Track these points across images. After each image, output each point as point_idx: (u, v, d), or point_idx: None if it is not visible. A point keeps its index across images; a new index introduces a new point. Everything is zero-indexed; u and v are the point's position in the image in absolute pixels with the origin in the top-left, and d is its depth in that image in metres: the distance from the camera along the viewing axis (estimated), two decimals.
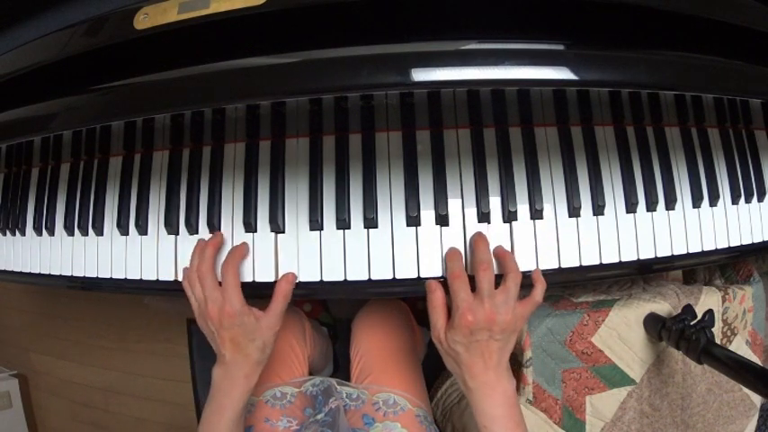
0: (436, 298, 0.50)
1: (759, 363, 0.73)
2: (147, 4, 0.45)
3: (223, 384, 0.51)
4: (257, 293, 0.56)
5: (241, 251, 0.53)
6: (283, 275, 0.53)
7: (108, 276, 0.60)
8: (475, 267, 0.50)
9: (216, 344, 0.51)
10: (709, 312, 0.58)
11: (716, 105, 0.62)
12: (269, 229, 0.55)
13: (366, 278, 0.54)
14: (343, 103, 0.56)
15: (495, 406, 0.49)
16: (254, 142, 0.57)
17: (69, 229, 0.63)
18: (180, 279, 0.57)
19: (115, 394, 1.43)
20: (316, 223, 0.54)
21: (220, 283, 0.51)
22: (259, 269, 0.55)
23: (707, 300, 0.68)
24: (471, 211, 0.54)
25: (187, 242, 0.57)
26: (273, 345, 0.53)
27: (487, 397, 0.49)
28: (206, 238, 0.55)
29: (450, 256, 0.52)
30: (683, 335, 0.58)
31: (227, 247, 0.55)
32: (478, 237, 0.52)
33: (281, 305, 0.52)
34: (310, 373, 0.75)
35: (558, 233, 0.54)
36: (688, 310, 0.60)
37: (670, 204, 0.57)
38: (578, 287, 0.71)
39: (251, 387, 0.52)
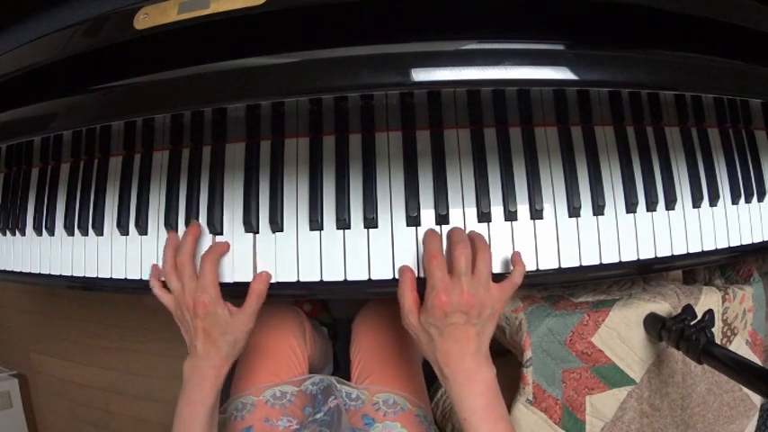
0: (407, 279, 0.49)
1: (759, 363, 0.73)
2: (147, 4, 0.45)
3: (193, 378, 0.52)
4: None
5: (222, 248, 0.54)
6: (257, 275, 0.53)
7: (108, 276, 0.60)
8: (451, 248, 0.48)
9: (190, 335, 0.52)
10: (709, 312, 0.58)
11: (716, 105, 0.62)
12: (269, 229, 0.55)
13: (366, 278, 0.53)
14: (343, 103, 0.56)
15: (475, 396, 0.47)
16: (254, 142, 0.57)
17: (69, 230, 0.63)
18: None
19: (115, 394, 1.43)
20: (316, 223, 0.54)
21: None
22: (259, 269, 0.55)
23: (707, 300, 0.68)
24: (471, 211, 0.54)
25: None
26: (245, 342, 0.53)
27: (465, 386, 0.47)
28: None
29: (427, 237, 0.50)
30: (683, 335, 0.58)
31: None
32: (452, 228, 0.52)
33: (255, 304, 0.52)
34: (310, 373, 0.75)
35: (558, 233, 0.54)
36: (688, 310, 0.60)
37: (670, 204, 0.57)
38: (578, 287, 0.71)
39: (220, 380, 0.52)
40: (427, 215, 0.54)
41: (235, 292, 0.56)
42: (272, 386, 0.66)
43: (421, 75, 0.42)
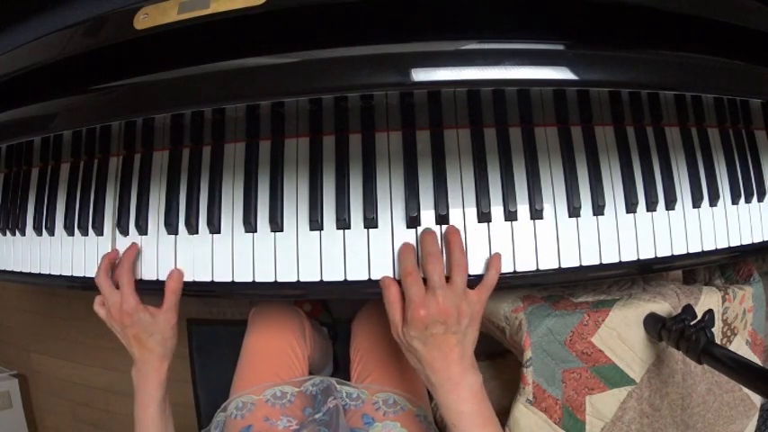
0: (391, 294, 0.50)
1: (759, 363, 0.73)
2: (147, 4, 0.45)
3: (140, 382, 0.57)
4: (257, 294, 0.56)
5: (131, 253, 0.57)
6: (170, 274, 0.56)
7: None
8: (423, 260, 0.49)
9: (127, 345, 0.56)
10: (710, 312, 0.58)
11: (716, 105, 0.62)
12: (269, 229, 0.55)
13: (366, 278, 0.53)
14: (343, 103, 0.56)
15: (462, 402, 0.48)
16: (253, 142, 0.57)
17: (69, 229, 0.63)
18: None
19: (115, 394, 1.43)
20: (316, 223, 0.54)
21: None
22: (259, 269, 0.55)
23: (707, 300, 0.68)
24: (471, 211, 0.54)
25: (187, 242, 0.57)
26: (175, 338, 0.57)
27: (452, 393, 0.48)
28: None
29: (401, 253, 0.51)
30: (683, 335, 0.58)
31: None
32: (424, 231, 0.52)
33: (172, 301, 0.55)
34: (310, 373, 0.75)
35: (558, 233, 0.54)
36: (688, 310, 0.60)
37: (670, 204, 0.57)
38: (578, 287, 0.71)
39: (162, 379, 0.57)
40: (427, 215, 0.54)
41: (236, 293, 0.56)
42: (272, 386, 0.66)
43: (421, 75, 0.42)
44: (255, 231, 0.55)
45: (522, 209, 0.54)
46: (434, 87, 0.53)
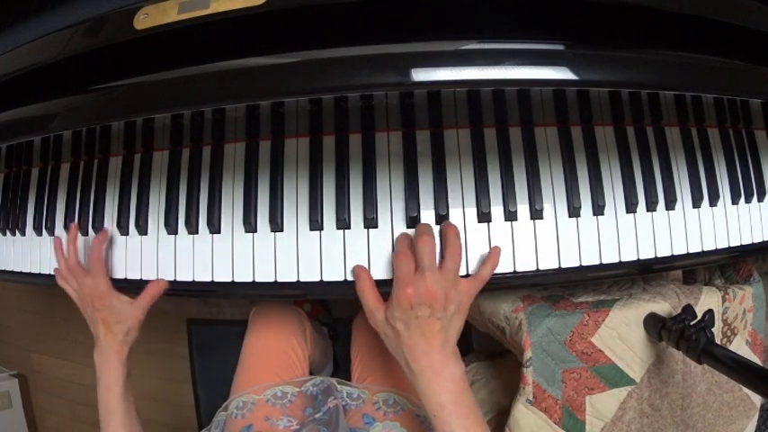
0: (361, 281, 0.50)
1: (759, 363, 0.73)
2: (147, 4, 0.45)
3: (102, 365, 0.59)
4: (257, 294, 0.57)
5: (102, 239, 0.58)
6: (156, 282, 0.57)
7: None
8: (415, 240, 0.49)
9: (93, 326, 0.59)
10: (710, 312, 0.58)
11: (716, 105, 0.62)
12: (269, 229, 0.55)
13: None
14: (343, 103, 0.56)
15: (443, 392, 0.47)
16: (254, 142, 0.57)
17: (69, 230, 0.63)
18: (180, 279, 0.57)
19: None
20: (316, 223, 0.54)
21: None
22: (259, 269, 0.55)
23: (707, 300, 0.68)
24: (471, 211, 0.54)
25: (187, 242, 0.57)
26: (138, 332, 0.59)
27: (433, 382, 0.47)
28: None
29: (398, 239, 0.52)
30: (683, 335, 0.58)
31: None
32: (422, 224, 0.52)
33: (147, 302, 0.57)
34: (310, 373, 0.75)
35: (558, 233, 0.54)
36: (688, 310, 0.60)
37: (670, 204, 0.57)
38: (578, 287, 0.71)
39: (123, 361, 0.59)
40: (427, 215, 0.54)
41: (236, 293, 0.56)
42: (272, 386, 0.66)
43: (421, 75, 0.42)
44: (255, 231, 0.55)
45: (522, 209, 0.54)
46: (434, 87, 0.53)
